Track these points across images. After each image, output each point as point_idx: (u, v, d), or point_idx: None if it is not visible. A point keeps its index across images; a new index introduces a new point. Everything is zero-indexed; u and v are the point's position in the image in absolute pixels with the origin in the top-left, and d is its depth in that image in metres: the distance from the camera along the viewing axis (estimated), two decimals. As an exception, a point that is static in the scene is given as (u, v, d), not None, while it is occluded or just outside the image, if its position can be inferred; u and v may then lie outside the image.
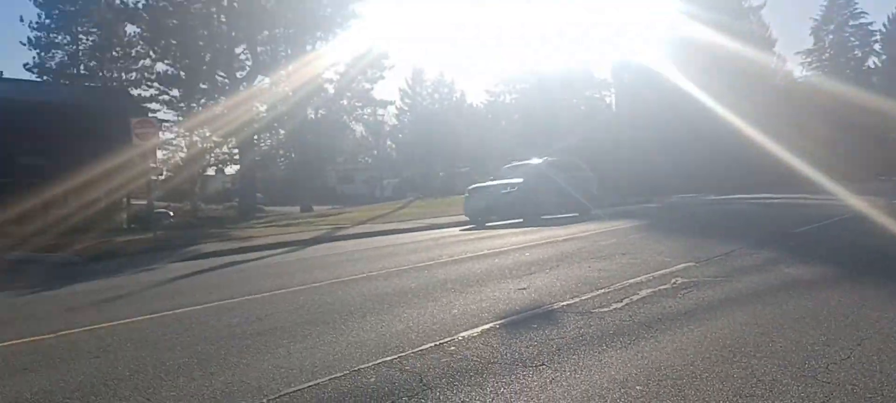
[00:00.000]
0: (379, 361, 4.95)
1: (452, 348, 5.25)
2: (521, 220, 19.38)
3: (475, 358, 4.92)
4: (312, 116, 44.52)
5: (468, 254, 11.73)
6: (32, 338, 6.64)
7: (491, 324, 6.01)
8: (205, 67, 37.15)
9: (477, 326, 5.95)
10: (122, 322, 7.21)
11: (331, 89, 43.97)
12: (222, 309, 7.66)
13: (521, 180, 20.00)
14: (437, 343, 5.41)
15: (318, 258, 13.30)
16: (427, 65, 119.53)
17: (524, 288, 7.74)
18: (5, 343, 6.41)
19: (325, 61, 41.18)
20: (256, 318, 6.94)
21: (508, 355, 4.98)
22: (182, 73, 38.58)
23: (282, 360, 5.18)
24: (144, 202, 37.00)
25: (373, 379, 4.53)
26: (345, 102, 48.25)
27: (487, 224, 19.63)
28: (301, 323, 6.59)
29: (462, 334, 5.67)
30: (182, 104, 43.98)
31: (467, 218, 20.73)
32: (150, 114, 36.07)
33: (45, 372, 5.28)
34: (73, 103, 34.47)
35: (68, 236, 20.87)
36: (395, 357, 5.04)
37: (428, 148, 71.45)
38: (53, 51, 50.24)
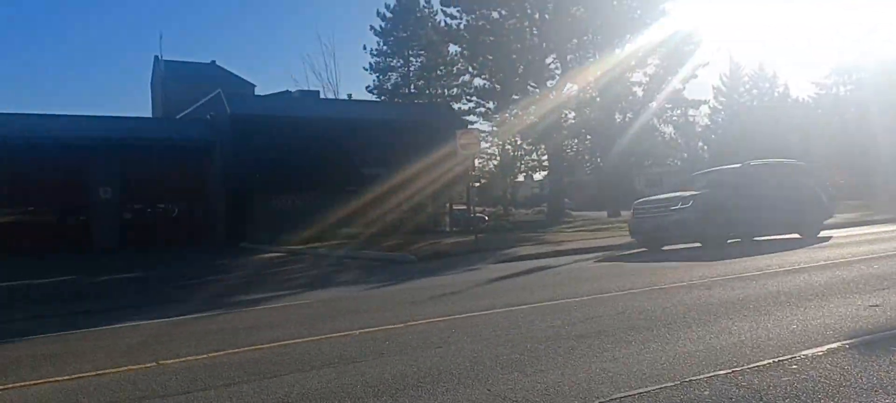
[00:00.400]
0: (711, 374, 4.75)
1: (794, 366, 4.83)
2: (699, 245, 15.40)
3: (823, 380, 4.46)
4: (620, 120, 44.17)
5: (801, 264, 10.67)
6: (385, 326, 7.59)
7: (838, 344, 5.41)
8: (517, 79, 39.02)
9: (821, 345, 5.40)
10: (457, 316, 7.91)
11: (639, 92, 43.20)
12: (545, 310, 7.99)
13: (695, 193, 16.06)
14: (776, 360, 5.02)
15: (630, 264, 13.15)
16: (744, 58, 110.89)
17: (877, 306, 6.82)
18: (364, 330, 7.42)
19: (633, 64, 40.60)
20: (578, 321, 7.12)
21: (864, 379, 4.43)
22: (497, 86, 40.98)
23: (608, 364, 5.24)
24: (464, 207, 40.10)
25: (706, 393, 4.36)
26: (654, 105, 47.00)
27: (664, 247, 16.05)
28: (623, 328, 6.59)
29: (804, 352, 5.19)
30: (496, 115, 46.78)
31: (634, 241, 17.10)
32: (469, 126, 38.99)
33: (398, 357, 6.01)
34: (406, 119, 38.72)
35: (404, 238, 23.43)
36: (729, 371, 4.80)
37: (745, 148, 66.23)
38: (389, 73, 57.01)
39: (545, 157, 47.50)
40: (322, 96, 46.19)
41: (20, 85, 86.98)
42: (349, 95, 47.96)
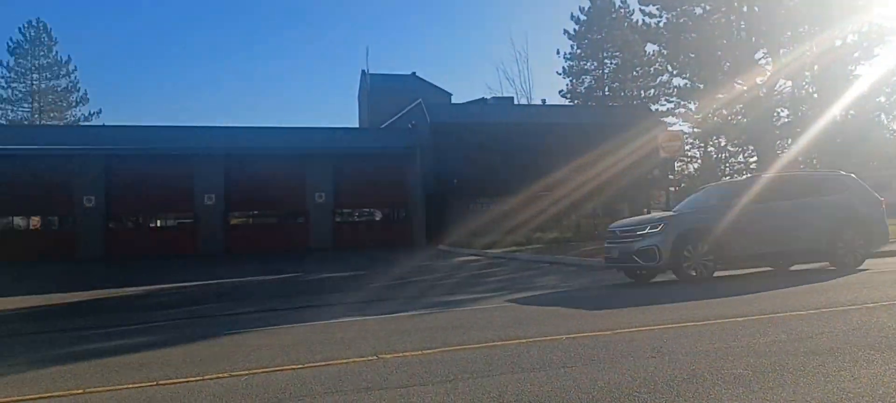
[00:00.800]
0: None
1: None
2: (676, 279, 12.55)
3: None
4: (841, 118, 40.08)
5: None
6: (591, 332, 7.50)
7: None
8: (722, 77, 36.83)
9: None
10: (667, 326, 7.62)
11: (864, 87, 38.89)
12: (765, 323, 7.46)
13: (670, 214, 13.62)
14: None
15: (864, 277, 11.86)
16: None
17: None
18: (570, 335, 7.38)
19: (857, 55, 36.68)
20: (806, 336, 6.57)
21: None
22: (700, 85, 38.98)
23: (847, 385, 4.78)
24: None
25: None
26: (882, 100, 42.16)
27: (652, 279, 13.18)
28: (861, 346, 5.98)
29: None
30: (697, 115, 44.51)
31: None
32: (668, 128, 37.43)
33: (609, 365, 5.90)
34: (600, 122, 38.04)
35: (600, 243, 23.00)
36: None
37: None
38: (583, 77, 56.36)
39: (754, 159, 44.36)
40: (516, 102, 46.73)
41: (246, 100, 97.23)
42: (543, 100, 48.13)
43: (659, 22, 39.84)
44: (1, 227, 30.61)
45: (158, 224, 33.59)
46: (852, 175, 14.31)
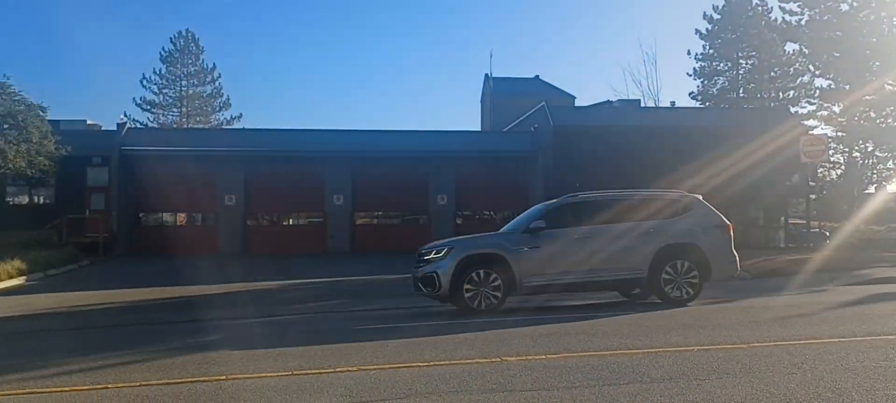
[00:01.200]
0: None
1: None
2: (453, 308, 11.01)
3: None
4: None
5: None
6: (725, 345, 7.18)
7: None
8: (870, 77, 34.15)
9: None
10: (809, 341, 7.19)
11: None
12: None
13: (454, 240, 12.12)
14: None
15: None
16: None
17: None
18: (702, 347, 7.10)
19: None
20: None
21: None
22: (845, 86, 36.33)
23: None
24: (802, 221, 36.25)
25: None
26: None
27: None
28: None
29: None
30: (842, 119, 41.47)
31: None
32: (809, 132, 35.11)
33: (745, 379, 5.63)
34: (734, 126, 36.19)
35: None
36: None
37: None
38: (715, 78, 53.78)
39: (906, 165, 40.84)
40: (642, 105, 45.38)
41: (372, 104, 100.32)
42: (672, 103, 46.23)
43: (800, 19, 37.50)
44: (152, 223, 33.25)
45: (291, 222, 35.28)
46: (699, 197, 12.39)
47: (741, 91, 53.33)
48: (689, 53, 54.96)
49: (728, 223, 11.79)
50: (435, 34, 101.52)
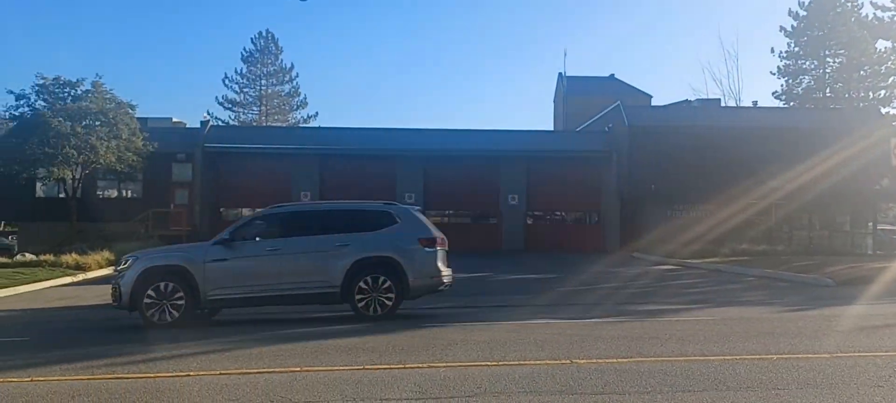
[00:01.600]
0: None
1: None
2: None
3: None
4: None
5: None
6: (807, 354, 6.91)
7: None
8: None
9: None
10: (894, 353, 6.84)
11: None
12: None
13: (142, 252, 11.50)
14: None
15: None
16: None
17: None
18: (782, 355, 6.86)
19: None
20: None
21: None
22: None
23: None
24: (892, 227, 34.51)
25: None
26: None
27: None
28: None
29: None
30: (939, 119, 39.21)
31: None
32: (902, 133, 33.28)
33: (827, 391, 5.42)
34: (820, 126, 34.68)
35: (817, 258, 21.05)
36: None
37: None
38: (800, 77, 51.65)
39: None
40: (723, 104, 43.99)
41: (444, 102, 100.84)
42: (754, 102, 44.59)
43: (893, 16, 35.73)
44: (232, 218, 34.45)
45: (363, 220, 35.97)
46: (408, 206, 12.07)
47: (828, 90, 51.05)
48: (772, 51, 52.83)
49: (437, 236, 11.22)
50: (508, 33, 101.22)
